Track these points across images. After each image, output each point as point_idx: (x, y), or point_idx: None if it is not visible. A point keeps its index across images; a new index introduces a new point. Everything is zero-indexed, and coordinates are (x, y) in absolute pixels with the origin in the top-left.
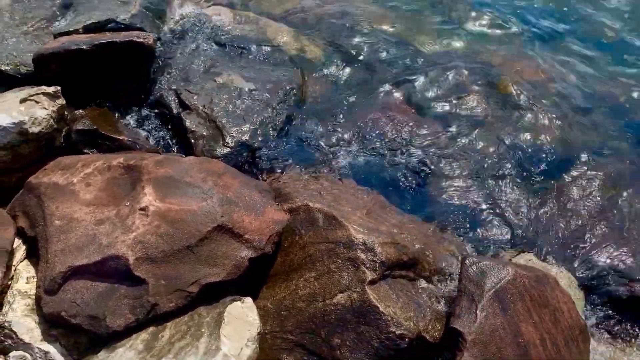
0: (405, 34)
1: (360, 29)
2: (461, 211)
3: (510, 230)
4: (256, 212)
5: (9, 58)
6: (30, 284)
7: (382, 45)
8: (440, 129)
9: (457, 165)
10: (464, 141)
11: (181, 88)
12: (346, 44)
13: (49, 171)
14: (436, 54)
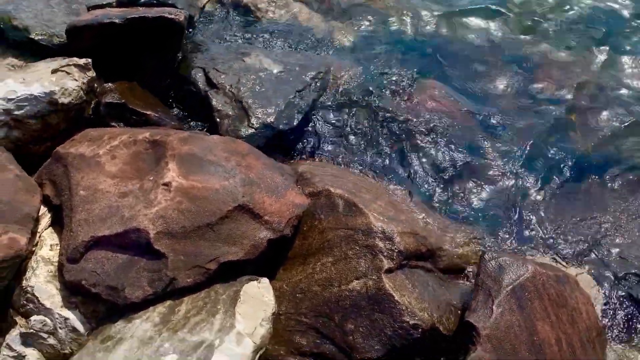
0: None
1: (391, 16)
2: (482, 208)
3: (531, 230)
4: (277, 194)
5: (43, 28)
6: (54, 251)
7: (414, 35)
8: (471, 124)
9: (482, 164)
10: (493, 139)
11: (209, 66)
12: (377, 31)
13: (76, 142)
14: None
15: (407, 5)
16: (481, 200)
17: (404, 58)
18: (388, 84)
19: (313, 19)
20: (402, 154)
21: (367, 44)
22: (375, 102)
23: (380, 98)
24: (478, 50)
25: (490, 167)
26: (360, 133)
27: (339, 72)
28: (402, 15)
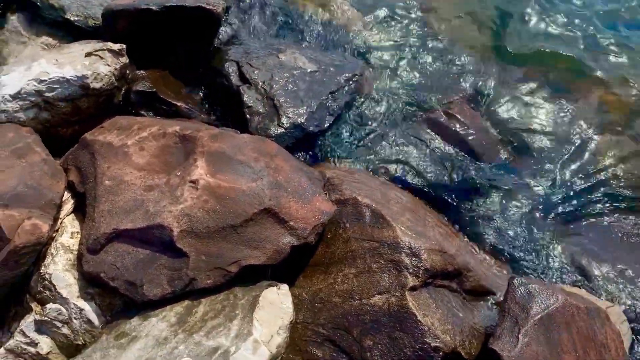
0: (481, 38)
1: (432, 24)
2: (512, 231)
3: (562, 257)
4: (304, 200)
5: (79, 9)
6: (74, 239)
7: (452, 46)
8: (502, 145)
9: (513, 186)
10: (524, 162)
11: (243, 61)
12: (416, 37)
13: (105, 130)
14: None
15: (448, 14)
16: (511, 223)
17: (440, 68)
18: (422, 93)
19: (352, 18)
20: (433, 168)
21: (405, 50)
22: (408, 111)
23: (413, 107)
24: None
25: (521, 191)
26: (392, 142)
27: (374, 76)
28: (442, 24)
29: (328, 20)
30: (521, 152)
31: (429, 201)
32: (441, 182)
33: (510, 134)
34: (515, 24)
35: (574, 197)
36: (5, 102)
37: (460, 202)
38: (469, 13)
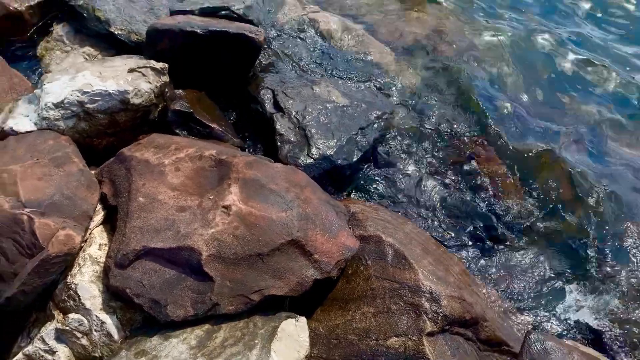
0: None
1: (461, 68)
2: (531, 285)
3: (580, 317)
4: (330, 234)
5: (123, 24)
6: (102, 251)
7: (480, 87)
8: (522, 191)
9: (533, 237)
10: (547, 212)
11: (278, 89)
12: (445, 79)
13: (142, 146)
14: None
15: (476, 55)
16: (531, 276)
17: (466, 111)
18: (449, 136)
19: (385, 57)
20: (457, 212)
21: (434, 90)
22: (435, 152)
23: (440, 149)
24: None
25: (544, 241)
26: (417, 182)
27: (404, 115)
28: (471, 64)
29: (363, 57)
30: (546, 199)
31: (450, 246)
32: (463, 227)
33: (529, 181)
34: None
35: (600, 252)
36: (48, 110)
37: (480, 248)
38: (500, 60)
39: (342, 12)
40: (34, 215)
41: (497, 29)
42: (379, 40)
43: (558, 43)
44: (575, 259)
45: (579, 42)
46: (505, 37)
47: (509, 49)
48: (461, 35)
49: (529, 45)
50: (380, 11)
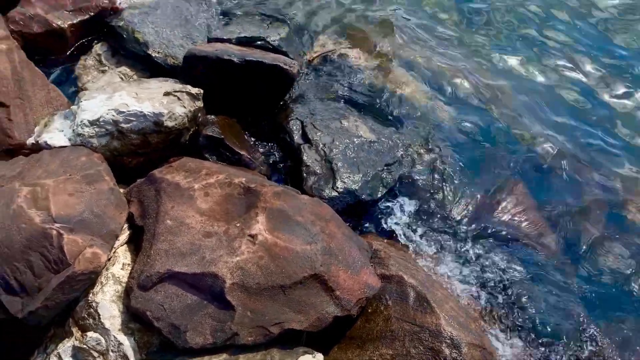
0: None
1: (494, 112)
2: (553, 335)
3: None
4: (352, 270)
5: (161, 47)
6: (125, 271)
7: (513, 129)
8: (551, 238)
9: (561, 282)
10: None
11: (307, 121)
12: (478, 119)
13: (173, 169)
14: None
15: (509, 101)
16: (554, 327)
17: (499, 151)
18: (478, 176)
19: (416, 93)
20: (479, 255)
21: (464, 129)
22: (463, 192)
23: (468, 189)
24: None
25: (572, 286)
26: (441, 222)
27: (431, 151)
28: (503, 109)
29: (393, 93)
30: (574, 244)
31: (472, 290)
32: (486, 271)
33: (565, 224)
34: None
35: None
36: (83, 127)
37: (504, 295)
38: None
39: (373, 48)
40: (64, 231)
41: (530, 72)
42: (411, 77)
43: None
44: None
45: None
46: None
47: (544, 89)
48: (493, 75)
49: (563, 82)
50: (413, 48)
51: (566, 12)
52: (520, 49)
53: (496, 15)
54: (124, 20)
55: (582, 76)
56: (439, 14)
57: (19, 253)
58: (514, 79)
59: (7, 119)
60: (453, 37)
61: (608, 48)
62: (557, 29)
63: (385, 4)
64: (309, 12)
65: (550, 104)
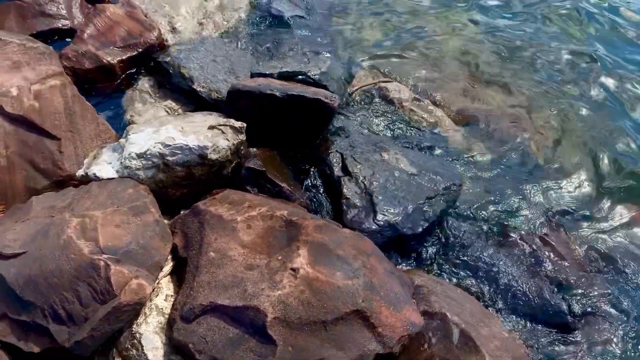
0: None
1: (530, 146)
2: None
3: None
4: (395, 307)
5: (206, 82)
6: (168, 302)
7: (552, 167)
8: (596, 272)
9: (610, 327)
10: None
11: (347, 153)
12: (515, 157)
13: (216, 201)
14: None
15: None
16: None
17: (540, 191)
18: (518, 213)
19: (455, 129)
20: (523, 294)
21: (505, 168)
22: (504, 229)
23: (509, 226)
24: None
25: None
26: (484, 258)
27: (472, 189)
28: (544, 148)
29: (432, 128)
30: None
31: (518, 326)
32: (529, 309)
33: (605, 266)
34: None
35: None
36: (131, 159)
37: (548, 336)
38: (572, 134)
39: (413, 82)
40: (111, 262)
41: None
42: (449, 113)
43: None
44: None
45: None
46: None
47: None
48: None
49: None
50: (450, 84)
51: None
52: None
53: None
54: (171, 56)
55: None
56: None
57: (67, 283)
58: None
59: (58, 151)
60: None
61: None
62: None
63: (423, 38)
64: (350, 47)
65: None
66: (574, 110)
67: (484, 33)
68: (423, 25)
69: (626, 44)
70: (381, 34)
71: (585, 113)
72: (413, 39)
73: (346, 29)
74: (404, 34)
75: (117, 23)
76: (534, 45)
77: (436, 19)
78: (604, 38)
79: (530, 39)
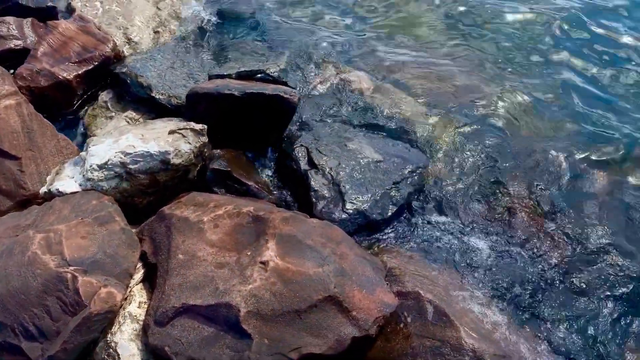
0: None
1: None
2: (580, 341)
3: None
4: (367, 290)
5: (164, 89)
6: (141, 309)
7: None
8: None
9: (580, 291)
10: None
11: (312, 146)
12: (479, 136)
13: (182, 205)
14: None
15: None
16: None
17: (505, 167)
18: (484, 190)
19: (417, 112)
20: (495, 267)
21: (468, 145)
22: (471, 206)
23: (475, 203)
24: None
25: (591, 294)
26: (453, 236)
27: (438, 170)
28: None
29: (395, 114)
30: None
31: (494, 299)
32: (502, 282)
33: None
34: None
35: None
36: (92, 171)
37: (523, 303)
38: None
39: (374, 71)
40: (78, 273)
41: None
42: (411, 96)
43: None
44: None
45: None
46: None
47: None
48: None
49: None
50: (413, 67)
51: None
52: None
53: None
54: (127, 66)
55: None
56: (434, 35)
57: (35, 299)
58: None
59: (19, 171)
60: (454, 55)
61: None
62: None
63: (383, 28)
64: (308, 41)
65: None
66: (536, 81)
67: (442, 13)
68: (379, 12)
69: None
70: (337, 25)
71: (550, 83)
72: (369, 26)
73: (303, 23)
74: (359, 23)
75: (70, 38)
76: (495, 14)
77: (393, 6)
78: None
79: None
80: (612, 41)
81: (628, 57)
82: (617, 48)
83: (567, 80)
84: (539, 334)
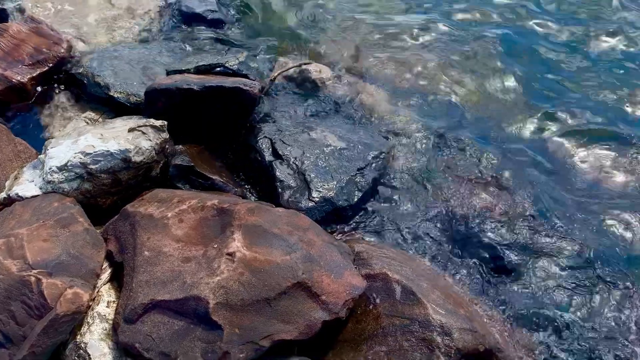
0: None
1: (456, 104)
2: (544, 313)
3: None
4: (335, 274)
5: (122, 87)
6: (110, 309)
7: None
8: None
9: (540, 263)
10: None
11: (276, 137)
12: (442, 116)
13: (145, 202)
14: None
15: (474, 93)
16: (546, 304)
17: (464, 149)
18: (447, 173)
19: (378, 98)
20: (460, 245)
21: (429, 129)
22: (434, 188)
23: (439, 185)
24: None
25: (550, 266)
26: (419, 217)
27: (399, 155)
28: (468, 105)
29: (356, 101)
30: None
31: (456, 279)
32: (468, 258)
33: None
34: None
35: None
36: (52, 174)
37: (487, 279)
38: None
39: (333, 61)
40: (42, 275)
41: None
42: (370, 82)
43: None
44: (582, 280)
45: None
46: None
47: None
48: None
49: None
50: (374, 56)
51: None
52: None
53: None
54: (83, 66)
55: None
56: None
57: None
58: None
59: None
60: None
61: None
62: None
63: (342, 18)
64: (266, 35)
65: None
66: (496, 60)
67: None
68: (337, 4)
69: None
70: (296, 18)
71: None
72: (329, 17)
73: (261, 17)
74: (318, 15)
75: (22, 41)
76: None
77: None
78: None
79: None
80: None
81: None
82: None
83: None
84: (501, 305)
